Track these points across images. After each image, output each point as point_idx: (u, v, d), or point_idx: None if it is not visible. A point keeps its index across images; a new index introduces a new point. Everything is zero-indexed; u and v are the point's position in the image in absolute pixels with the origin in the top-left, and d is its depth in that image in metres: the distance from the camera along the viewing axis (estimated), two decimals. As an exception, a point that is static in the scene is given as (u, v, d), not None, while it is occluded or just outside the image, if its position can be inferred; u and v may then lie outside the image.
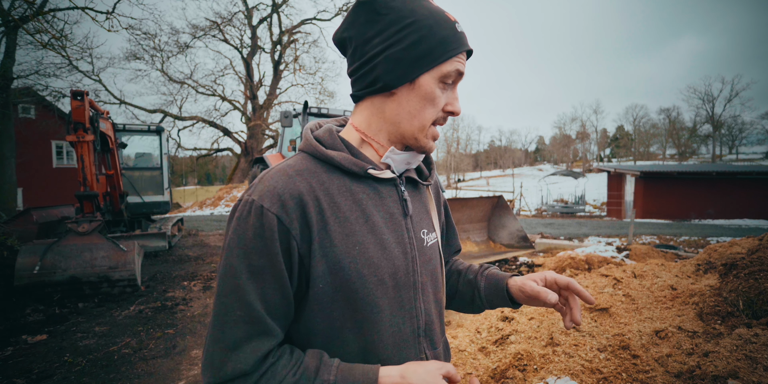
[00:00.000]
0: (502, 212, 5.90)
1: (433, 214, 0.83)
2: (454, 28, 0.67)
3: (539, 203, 26.01)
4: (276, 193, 0.62)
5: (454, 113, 0.70)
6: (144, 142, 9.42)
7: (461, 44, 0.68)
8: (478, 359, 2.61)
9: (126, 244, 5.07)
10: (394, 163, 0.72)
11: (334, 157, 0.67)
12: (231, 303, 0.60)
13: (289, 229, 0.61)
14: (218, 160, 51.97)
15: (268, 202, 0.61)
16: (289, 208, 0.61)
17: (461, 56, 0.69)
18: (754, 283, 2.55)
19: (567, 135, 74.55)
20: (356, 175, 0.68)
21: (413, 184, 0.80)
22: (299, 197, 0.62)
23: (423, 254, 0.74)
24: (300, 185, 0.63)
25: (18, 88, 11.89)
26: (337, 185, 0.67)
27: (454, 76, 0.68)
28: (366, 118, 0.71)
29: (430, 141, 0.71)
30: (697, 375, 1.97)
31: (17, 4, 9.26)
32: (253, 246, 0.60)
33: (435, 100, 0.67)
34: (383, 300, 0.67)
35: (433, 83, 0.66)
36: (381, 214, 0.69)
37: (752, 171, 18.21)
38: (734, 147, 62.17)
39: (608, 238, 10.48)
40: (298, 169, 0.66)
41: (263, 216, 0.60)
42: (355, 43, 0.68)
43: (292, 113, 6.12)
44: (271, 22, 26.41)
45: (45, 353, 3.36)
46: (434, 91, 0.66)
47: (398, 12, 0.64)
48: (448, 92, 0.70)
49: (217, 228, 12.44)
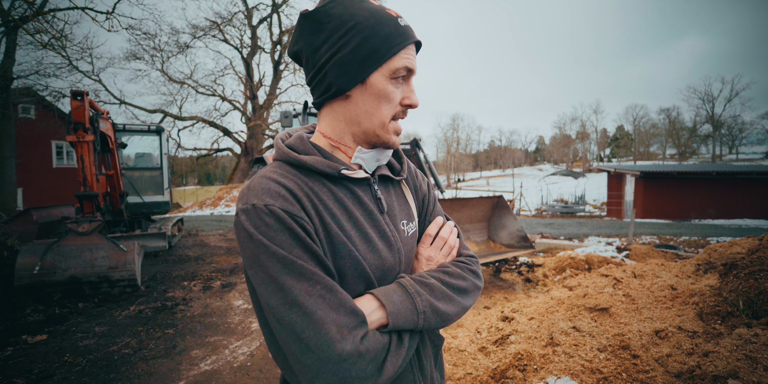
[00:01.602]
0: (502, 212, 5.90)
1: (412, 204, 0.87)
2: (396, 24, 0.69)
3: (539, 203, 26.01)
4: (272, 192, 0.63)
5: (412, 106, 0.72)
6: (144, 142, 9.42)
7: (405, 38, 0.69)
8: (478, 359, 2.61)
9: (126, 244, 5.07)
10: (365, 162, 0.75)
11: (307, 161, 0.69)
12: (297, 287, 0.58)
13: (299, 215, 0.63)
14: (218, 160, 51.97)
15: (270, 199, 0.62)
16: (290, 201, 0.63)
17: (408, 50, 0.70)
18: (754, 283, 2.55)
19: (567, 135, 74.55)
20: (331, 176, 0.71)
21: (387, 180, 0.84)
22: (293, 192, 0.65)
23: (406, 244, 0.79)
24: (289, 183, 0.66)
25: (18, 88, 11.87)
26: (318, 186, 0.70)
27: (404, 71, 0.69)
28: (329, 123, 0.74)
29: (393, 136, 0.73)
30: (697, 375, 1.97)
31: (17, 4, 9.25)
32: (280, 241, 0.60)
33: (389, 96, 0.69)
34: (372, 288, 0.71)
35: (383, 81, 0.68)
36: (360, 212, 0.73)
37: (752, 171, 18.20)
38: (734, 147, 62.14)
39: (608, 238, 10.48)
40: (280, 173, 0.68)
41: (272, 213, 0.61)
42: (306, 54, 0.71)
43: (292, 113, 6.12)
44: (271, 22, 26.42)
45: (45, 353, 3.36)
46: (386, 88, 0.69)
47: (339, 18, 0.66)
48: (402, 87, 0.71)
49: (217, 228, 12.44)
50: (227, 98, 26.76)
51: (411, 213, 0.85)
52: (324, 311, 0.57)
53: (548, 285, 5.19)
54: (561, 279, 5.26)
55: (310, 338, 0.56)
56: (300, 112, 6.84)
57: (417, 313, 0.66)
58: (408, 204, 0.85)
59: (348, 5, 0.67)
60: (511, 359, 2.40)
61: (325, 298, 0.58)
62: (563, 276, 5.33)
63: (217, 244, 9.23)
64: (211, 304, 4.75)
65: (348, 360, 0.56)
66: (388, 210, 0.78)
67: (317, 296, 0.58)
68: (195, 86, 25.40)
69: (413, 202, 0.88)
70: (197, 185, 52.72)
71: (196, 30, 23.79)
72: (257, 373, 3.02)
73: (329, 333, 0.56)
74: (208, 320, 4.22)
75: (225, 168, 59.15)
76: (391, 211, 0.79)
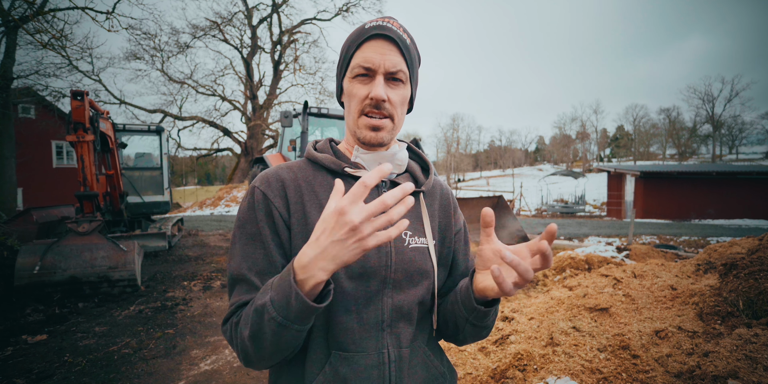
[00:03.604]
0: (503, 212, 5.90)
1: (426, 221, 0.83)
2: (360, 29, 0.76)
3: (539, 203, 26.00)
4: (266, 177, 0.79)
5: (374, 98, 0.73)
6: (144, 142, 9.43)
7: (362, 36, 0.75)
8: (478, 359, 2.61)
9: (126, 244, 5.07)
10: (365, 162, 0.81)
11: (318, 157, 0.82)
12: (233, 266, 0.74)
13: (272, 200, 0.75)
14: (218, 160, 51.95)
15: (259, 182, 0.78)
16: (273, 186, 0.77)
17: (368, 46, 0.74)
18: (754, 283, 2.55)
19: (567, 135, 74.54)
20: (336, 172, 0.81)
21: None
22: (282, 181, 0.78)
23: (401, 253, 0.77)
24: (285, 174, 0.79)
25: (18, 88, 11.87)
26: (320, 180, 0.80)
27: (361, 69, 0.74)
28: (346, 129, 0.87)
29: (364, 130, 0.77)
30: (697, 375, 1.97)
31: (17, 4, 9.25)
32: (246, 217, 0.76)
33: (355, 95, 0.76)
34: (349, 284, 0.72)
35: (348, 83, 0.78)
36: None
37: (752, 171, 18.21)
38: (734, 147, 62.17)
39: (608, 238, 10.48)
40: (291, 166, 0.83)
41: (254, 192, 0.77)
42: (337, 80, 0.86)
43: (292, 113, 6.12)
44: (271, 22, 26.41)
45: (45, 353, 3.36)
46: (351, 88, 0.77)
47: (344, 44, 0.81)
48: (370, 85, 0.75)
49: (217, 228, 12.44)
50: (227, 98, 26.75)
51: (422, 228, 0.83)
52: (230, 291, 0.76)
53: (548, 285, 5.19)
54: (561, 279, 5.26)
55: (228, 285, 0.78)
56: (300, 112, 6.84)
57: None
58: (420, 219, 0.83)
59: (350, 35, 0.79)
60: (511, 359, 2.40)
61: (233, 284, 0.74)
62: (563, 276, 5.33)
63: (217, 244, 9.23)
64: (211, 304, 4.75)
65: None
66: None
67: (233, 278, 0.74)
68: (195, 86, 25.40)
69: (428, 220, 0.84)
70: (197, 185, 52.76)
71: (196, 30, 23.80)
72: (257, 373, 3.02)
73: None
74: (208, 320, 4.21)
75: (225, 168, 59.13)
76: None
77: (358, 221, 0.53)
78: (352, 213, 0.53)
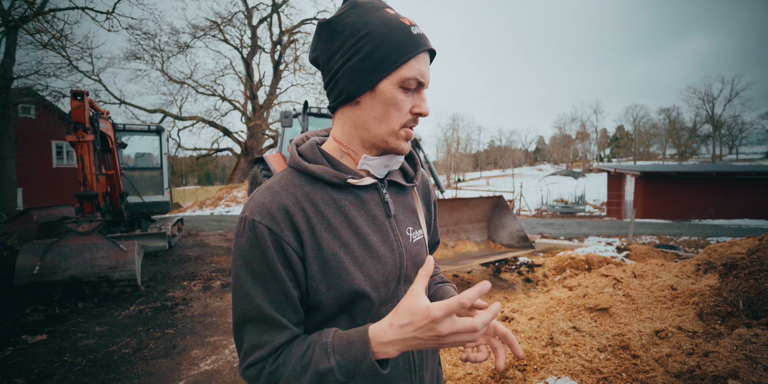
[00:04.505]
0: (502, 212, 5.90)
1: (420, 213, 0.88)
2: (408, 32, 0.69)
3: (539, 203, 26.00)
4: (264, 207, 0.69)
5: (422, 114, 0.73)
6: (144, 142, 9.41)
7: (417, 46, 0.69)
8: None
9: (126, 244, 5.07)
10: (372, 168, 0.77)
11: (314, 170, 0.73)
12: (244, 307, 0.69)
13: (281, 236, 0.68)
14: (218, 160, 52.02)
15: (259, 216, 0.68)
16: (278, 219, 0.68)
17: (419, 59, 0.70)
18: (754, 283, 2.55)
19: (567, 135, 74.52)
20: (337, 185, 0.74)
21: (398, 185, 0.84)
22: (285, 208, 0.69)
23: (409, 250, 0.80)
24: (285, 198, 0.70)
25: (18, 88, 11.88)
26: (321, 195, 0.73)
27: (414, 83, 0.70)
28: (341, 128, 0.77)
29: (402, 142, 0.74)
30: (697, 375, 1.97)
31: (17, 4, 9.25)
32: (251, 255, 0.68)
33: (398, 104, 0.70)
34: (373, 293, 0.73)
35: (392, 88, 0.69)
36: (363, 218, 0.75)
37: (752, 171, 18.19)
38: (734, 147, 62.14)
39: (608, 238, 10.48)
40: (284, 185, 0.73)
41: (255, 229, 0.67)
42: (322, 61, 0.74)
43: (292, 113, 6.12)
44: (271, 22, 26.40)
45: (45, 353, 3.36)
46: (395, 96, 0.70)
47: (352, 26, 0.69)
48: (413, 96, 0.72)
49: (217, 228, 12.45)
50: (227, 98, 26.75)
51: (418, 221, 0.86)
52: (250, 334, 0.69)
53: (548, 285, 5.19)
54: (561, 279, 5.26)
55: (237, 346, 0.72)
56: (300, 112, 6.84)
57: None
58: (416, 211, 0.87)
59: (362, 14, 0.69)
60: (511, 359, 2.40)
61: (254, 325, 0.69)
62: (563, 276, 5.33)
63: (217, 244, 9.24)
64: (211, 304, 4.75)
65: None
66: (395, 214, 0.80)
67: (253, 319, 0.69)
68: (195, 86, 25.41)
69: (422, 210, 0.89)
70: (197, 185, 52.73)
71: (196, 30, 23.81)
72: (257, 373, 3.02)
73: (244, 352, 0.69)
74: (208, 320, 4.22)
75: (225, 168, 59.13)
76: (398, 215, 0.81)
77: (445, 333, 0.58)
78: (443, 325, 0.58)
